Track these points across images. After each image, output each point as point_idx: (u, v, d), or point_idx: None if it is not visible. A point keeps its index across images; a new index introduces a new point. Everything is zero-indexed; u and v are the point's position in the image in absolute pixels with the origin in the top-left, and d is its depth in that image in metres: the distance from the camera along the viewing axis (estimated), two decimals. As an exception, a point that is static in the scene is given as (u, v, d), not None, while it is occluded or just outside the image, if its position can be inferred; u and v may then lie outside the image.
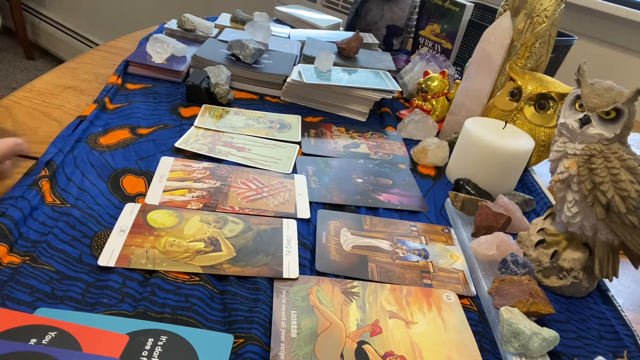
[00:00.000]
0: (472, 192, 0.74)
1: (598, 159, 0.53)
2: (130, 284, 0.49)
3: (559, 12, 0.87)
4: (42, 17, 3.11)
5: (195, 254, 0.54)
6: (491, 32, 0.87)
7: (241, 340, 0.46)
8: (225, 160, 0.74)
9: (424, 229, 0.68)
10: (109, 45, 1.11)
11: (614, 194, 0.53)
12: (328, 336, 0.48)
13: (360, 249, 0.62)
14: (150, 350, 0.42)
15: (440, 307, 0.54)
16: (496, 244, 0.60)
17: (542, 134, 0.85)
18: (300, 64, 1.03)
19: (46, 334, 0.41)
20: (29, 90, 0.84)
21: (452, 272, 0.61)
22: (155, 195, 0.63)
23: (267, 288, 0.52)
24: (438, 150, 0.85)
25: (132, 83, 0.92)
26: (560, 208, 0.59)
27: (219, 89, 0.90)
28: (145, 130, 0.77)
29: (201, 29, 1.15)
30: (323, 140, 0.87)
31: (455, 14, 1.21)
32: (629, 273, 0.70)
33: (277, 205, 0.66)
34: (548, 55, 0.92)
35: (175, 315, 0.47)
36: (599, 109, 0.54)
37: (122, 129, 0.76)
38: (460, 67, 1.22)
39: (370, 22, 1.35)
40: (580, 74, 0.57)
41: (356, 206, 0.70)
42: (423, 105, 1.01)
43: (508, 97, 0.87)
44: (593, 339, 0.55)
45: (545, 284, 0.62)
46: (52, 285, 0.47)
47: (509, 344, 0.49)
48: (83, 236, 0.54)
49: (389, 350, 0.48)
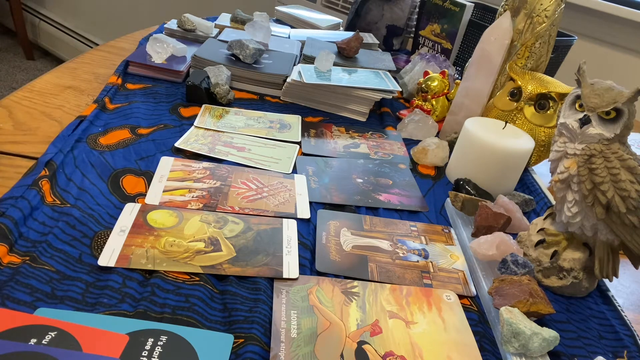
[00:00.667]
0: (472, 192, 0.74)
1: (598, 159, 0.53)
2: (130, 284, 0.49)
3: (559, 12, 0.87)
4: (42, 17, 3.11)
5: (195, 254, 0.54)
6: (491, 32, 0.88)
7: (241, 340, 0.46)
8: (225, 160, 0.74)
9: (424, 229, 0.68)
10: (109, 45, 1.11)
11: (614, 194, 0.53)
12: (328, 336, 0.48)
13: (360, 249, 0.62)
14: (150, 350, 0.42)
15: (440, 307, 0.54)
16: (496, 244, 0.60)
17: (542, 134, 0.85)
18: (300, 64, 1.03)
19: (46, 334, 0.41)
20: (29, 90, 0.84)
21: (452, 272, 0.61)
22: (155, 196, 0.63)
23: (267, 288, 0.52)
24: (438, 150, 0.85)
25: (132, 83, 0.92)
26: (560, 208, 0.59)
27: (219, 89, 0.90)
28: (145, 130, 0.77)
29: (201, 29, 1.15)
30: (323, 140, 0.87)
31: (455, 14, 1.21)
32: (629, 273, 0.70)
33: (277, 205, 0.66)
34: (548, 55, 0.92)
35: (175, 315, 0.47)
36: (599, 109, 0.54)
37: (122, 129, 0.76)
38: (460, 67, 1.22)
39: (370, 22, 1.35)
40: (580, 74, 0.57)
41: (356, 206, 0.70)
42: (423, 105, 1.01)
43: (508, 97, 0.87)
44: (593, 339, 0.55)
45: (545, 284, 0.62)
46: (52, 285, 0.47)
47: (509, 344, 0.49)
48: (83, 236, 0.54)
49: (389, 350, 0.48)
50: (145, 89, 0.91)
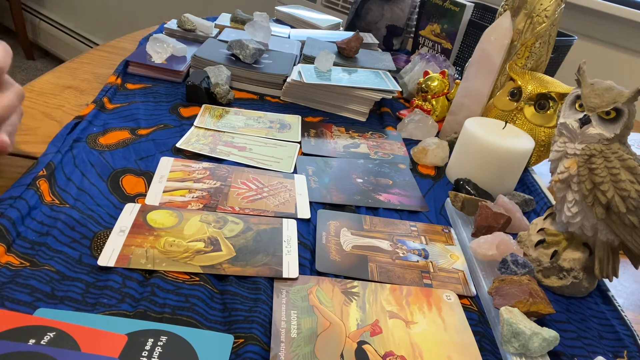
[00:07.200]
0: (472, 192, 0.73)
1: (598, 159, 0.53)
2: (130, 284, 0.49)
3: (559, 12, 0.87)
4: (42, 17, 3.11)
5: (195, 254, 0.54)
6: (491, 32, 0.87)
7: (241, 340, 0.45)
8: (226, 160, 0.74)
9: (424, 229, 0.68)
10: (109, 45, 1.11)
11: (614, 194, 0.53)
12: (328, 336, 0.48)
13: (360, 249, 0.62)
14: (150, 351, 0.42)
15: (440, 307, 0.54)
16: (496, 244, 0.60)
17: (542, 134, 0.85)
18: (300, 64, 1.03)
19: (45, 334, 0.41)
20: (29, 90, 0.84)
21: (452, 272, 0.61)
22: (155, 196, 0.63)
23: (267, 288, 0.52)
24: (438, 150, 0.85)
25: (132, 83, 0.92)
26: (560, 208, 0.59)
27: (219, 89, 0.90)
28: (145, 130, 0.77)
29: (201, 29, 1.15)
30: (323, 140, 0.87)
31: (455, 14, 1.21)
32: (629, 273, 0.70)
33: (277, 205, 0.66)
34: (548, 55, 0.92)
35: (175, 315, 0.47)
36: (599, 109, 0.54)
37: (121, 129, 0.76)
38: (460, 67, 1.22)
39: (370, 22, 1.35)
40: (580, 74, 0.57)
41: (356, 206, 0.70)
42: (423, 105, 1.01)
43: (508, 97, 0.87)
44: (593, 339, 0.55)
45: (545, 284, 0.62)
46: (52, 285, 0.47)
47: (509, 344, 0.49)
48: (83, 237, 0.54)
49: (389, 350, 0.48)
50: (145, 89, 0.91)
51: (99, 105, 0.80)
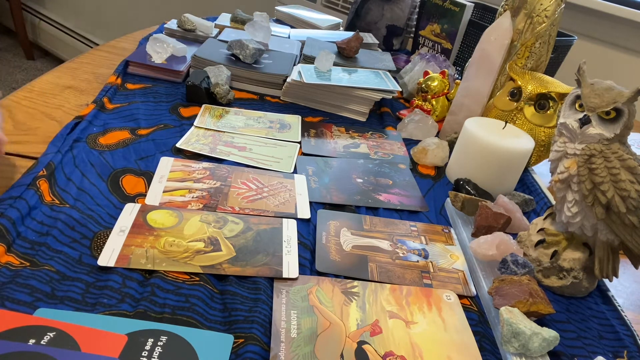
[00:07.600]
0: (472, 192, 0.73)
1: (598, 159, 0.53)
2: (130, 284, 0.49)
3: (559, 12, 0.87)
4: (42, 17, 3.11)
5: (195, 254, 0.54)
6: (491, 32, 0.87)
7: (241, 340, 0.45)
8: (226, 160, 0.74)
9: (424, 229, 0.68)
10: (109, 45, 1.11)
11: (614, 194, 0.53)
12: (328, 336, 0.48)
13: (360, 249, 0.62)
14: (150, 351, 0.42)
15: (440, 307, 0.54)
16: (496, 244, 0.60)
17: (542, 134, 0.85)
18: (300, 64, 1.03)
19: (45, 334, 0.41)
20: (29, 90, 0.84)
21: (452, 272, 0.61)
22: (155, 196, 0.63)
23: (267, 288, 0.52)
24: (438, 150, 0.85)
25: (132, 83, 0.92)
26: (560, 208, 0.59)
27: (219, 89, 0.90)
28: (145, 130, 0.77)
29: (201, 29, 1.15)
30: (323, 140, 0.87)
31: (455, 14, 1.20)
32: (629, 273, 0.70)
33: (277, 205, 0.66)
34: (548, 55, 0.92)
35: (175, 315, 0.47)
36: (599, 109, 0.54)
37: (121, 129, 0.76)
38: (460, 67, 1.22)
39: (370, 22, 1.35)
40: (580, 74, 0.57)
41: (356, 206, 0.70)
42: (423, 105, 1.01)
43: (508, 97, 0.87)
44: (593, 339, 0.55)
45: (545, 284, 0.62)
46: (52, 285, 0.47)
47: (509, 344, 0.49)
48: (83, 237, 0.54)
49: (389, 350, 0.48)
50: (145, 89, 0.91)
51: (99, 105, 0.80)
